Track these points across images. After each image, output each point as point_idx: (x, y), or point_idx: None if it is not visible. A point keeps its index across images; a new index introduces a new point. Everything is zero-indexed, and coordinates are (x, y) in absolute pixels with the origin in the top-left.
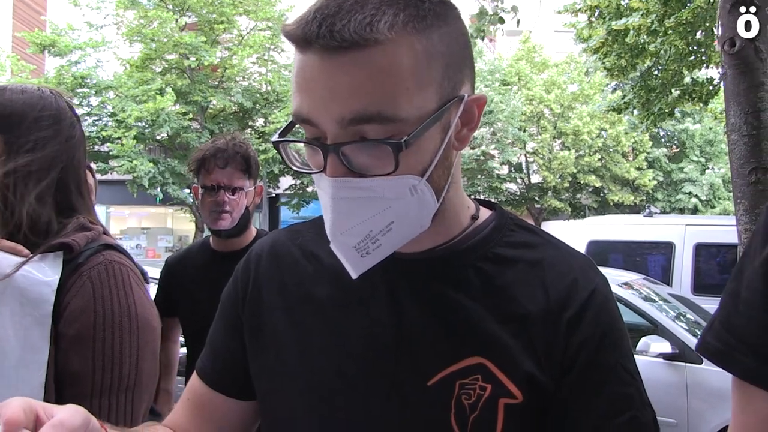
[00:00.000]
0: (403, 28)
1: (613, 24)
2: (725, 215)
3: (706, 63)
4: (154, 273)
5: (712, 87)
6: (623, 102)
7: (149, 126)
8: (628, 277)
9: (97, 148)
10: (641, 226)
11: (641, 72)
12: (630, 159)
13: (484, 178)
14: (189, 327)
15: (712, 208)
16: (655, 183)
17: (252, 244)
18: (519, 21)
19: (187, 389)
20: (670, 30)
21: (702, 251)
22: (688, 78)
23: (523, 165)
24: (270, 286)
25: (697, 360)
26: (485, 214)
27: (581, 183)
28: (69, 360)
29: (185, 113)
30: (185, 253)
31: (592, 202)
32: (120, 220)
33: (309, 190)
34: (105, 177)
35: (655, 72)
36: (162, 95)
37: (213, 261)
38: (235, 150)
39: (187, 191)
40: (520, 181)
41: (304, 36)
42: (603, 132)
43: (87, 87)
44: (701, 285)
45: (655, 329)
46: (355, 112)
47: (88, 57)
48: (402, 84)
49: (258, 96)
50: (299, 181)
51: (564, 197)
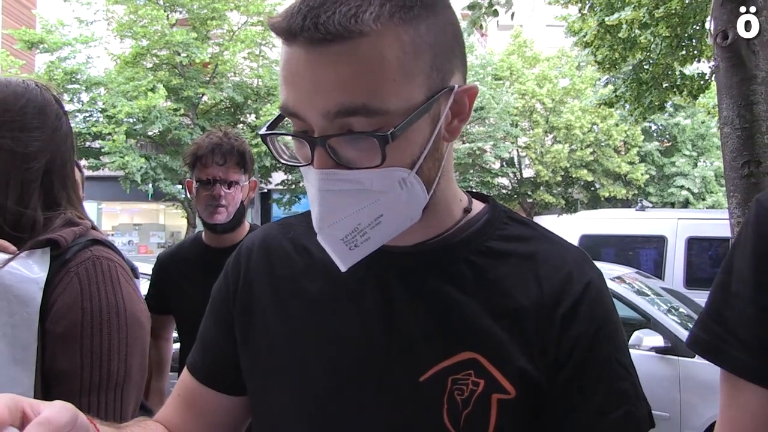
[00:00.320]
0: (390, 19)
1: (606, 19)
2: (716, 208)
3: (698, 57)
4: (146, 269)
5: (702, 81)
6: (614, 96)
7: (141, 122)
8: (620, 271)
9: (89, 144)
10: (633, 220)
11: (633, 66)
12: (622, 153)
13: (476, 172)
14: (182, 323)
15: (703, 200)
16: (647, 177)
17: None
18: (513, 14)
19: (178, 385)
20: (660, 20)
21: (694, 245)
22: (678, 72)
23: (515, 159)
24: (261, 280)
25: (690, 353)
26: (478, 207)
27: (573, 177)
28: (57, 357)
29: (176, 109)
30: (177, 249)
31: (583, 197)
32: (112, 216)
33: (301, 185)
34: (97, 173)
35: (646, 66)
36: (153, 91)
37: (206, 256)
38: (231, 144)
39: (179, 187)
40: (512, 176)
41: (289, 28)
42: (595, 126)
43: (77, 83)
44: (693, 279)
45: (648, 323)
46: (341, 104)
47: (78, 53)
48: (388, 76)
49: (249, 91)
50: (291, 177)
51: (556, 192)
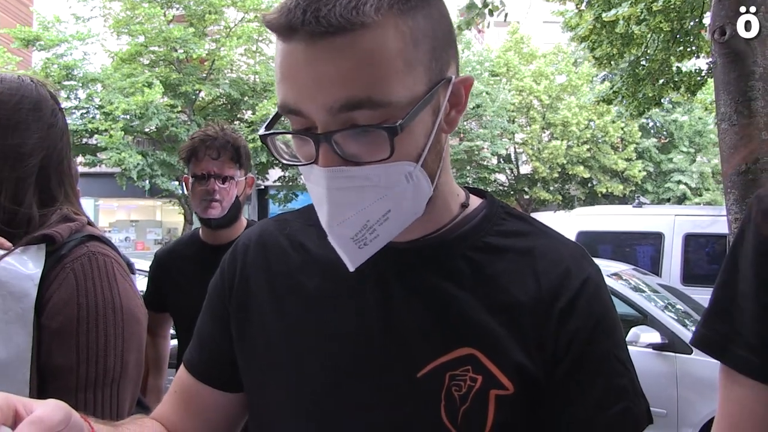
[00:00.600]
0: (389, 10)
1: (604, 16)
2: (713, 205)
3: (695, 53)
4: (143, 265)
5: (699, 77)
6: (612, 92)
7: (137, 119)
8: (617, 268)
9: (85, 140)
10: (630, 216)
11: (629, 61)
12: (619, 150)
13: (473, 169)
14: (179, 319)
15: (700, 196)
16: (645, 174)
17: None
18: (507, 15)
19: (175, 381)
20: (657, 14)
21: (691, 241)
22: (675, 67)
23: (512, 156)
24: (257, 276)
25: (687, 350)
26: (475, 202)
27: (570, 174)
28: (52, 354)
29: (173, 106)
30: (174, 246)
31: (580, 193)
32: (109, 212)
33: (299, 182)
34: (93, 170)
35: (643, 62)
36: (150, 87)
37: (203, 253)
38: (226, 139)
39: (176, 183)
40: (509, 172)
41: (288, 24)
42: (591, 122)
43: (74, 79)
44: (690, 275)
45: (645, 319)
46: (345, 98)
47: (74, 49)
48: (391, 67)
49: (246, 87)
50: (288, 174)
51: (553, 188)
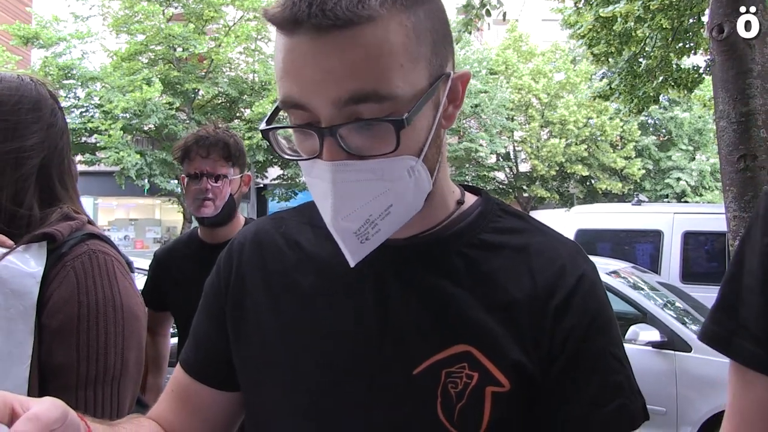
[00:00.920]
0: (393, 5)
1: (601, 11)
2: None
3: (694, 50)
4: (142, 264)
5: (697, 75)
6: (609, 89)
7: (136, 117)
8: (616, 266)
9: (84, 139)
10: (629, 214)
11: (628, 58)
12: (619, 148)
13: (472, 167)
14: (179, 318)
15: (699, 196)
16: (644, 172)
17: None
18: (505, 14)
19: (171, 381)
20: (656, 12)
21: (690, 239)
22: (674, 64)
23: (511, 154)
24: (253, 275)
25: (686, 348)
26: (471, 199)
27: (568, 172)
28: (53, 352)
29: (172, 103)
30: (173, 246)
31: (579, 191)
32: (108, 211)
33: (299, 180)
34: (92, 168)
35: (641, 59)
36: (149, 85)
37: (201, 252)
38: (218, 138)
39: (175, 182)
40: (508, 170)
41: (293, 17)
42: (590, 120)
43: (73, 78)
44: (690, 273)
45: (644, 317)
46: (352, 91)
47: (73, 48)
48: (396, 61)
49: (245, 86)
50: (287, 172)
51: (552, 186)
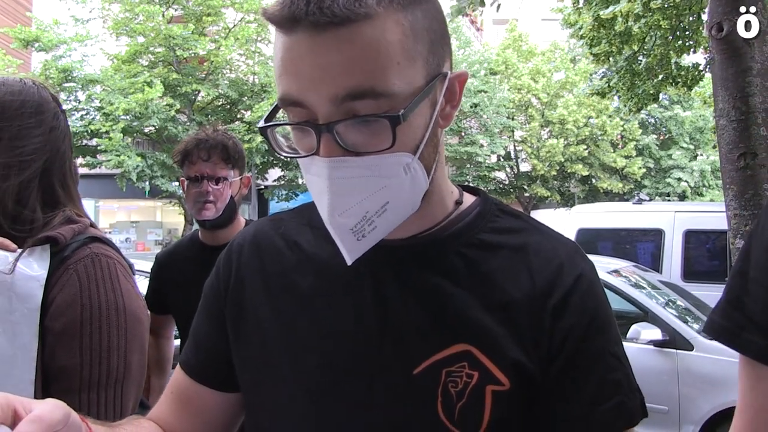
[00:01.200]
0: (390, 3)
1: (601, 13)
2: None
3: (693, 48)
4: (143, 266)
5: (697, 72)
6: (607, 86)
7: (137, 119)
8: (617, 265)
9: (85, 142)
10: (631, 213)
11: (627, 56)
12: (619, 147)
13: (473, 167)
14: (181, 320)
15: (700, 195)
16: (644, 170)
17: None
18: (499, 6)
19: (171, 382)
20: (655, 11)
21: (691, 238)
22: (674, 62)
23: (512, 153)
24: (253, 276)
25: (688, 346)
26: (469, 199)
27: (568, 172)
28: (56, 354)
29: (172, 105)
30: (175, 248)
31: (580, 191)
32: (109, 213)
33: (300, 181)
34: (93, 171)
35: (640, 57)
36: (150, 86)
37: (203, 254)
38: (217, 140)
39: (176, 184)
40: (508, 170)
41: (291, 15)
42: (591, 119)
43: (73, 81)
44: (691, 271)
45: (646, 316)
46: (349, 88)
47: (73, 51)
48: (393, 58)
49: (245, 88)
50: (288, 173)
51: (552, 185)
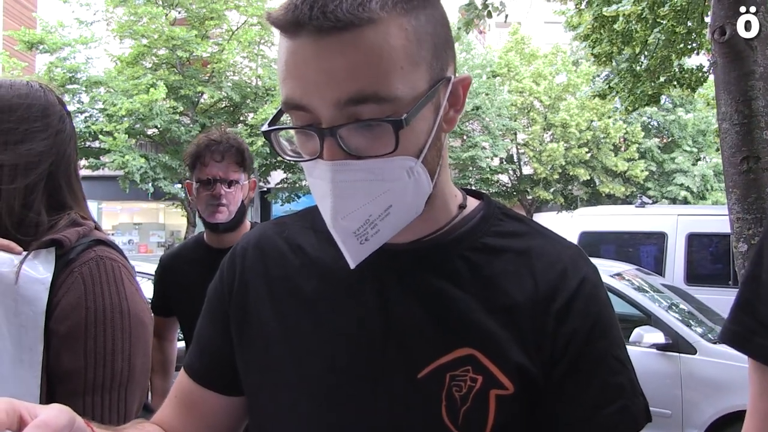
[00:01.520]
0: (393, 8)
1: (604, 11)
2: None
3: (696, 50)
4: (146, 268)
5: (701, 74)
6: (608, 87)
7: (140, 120)
8: (620, 268)
9: (89, 144)
10: (633, 216)
11: (627, 58)
12: (622, 150)
13: (475, 170)
14: (186, 323)
15: (702, 199)
16: (647, 173)
17: None
18: (507, 16)
19: (175, 386)
20: (663, 18)
21: (694, 241)
22: (676, 64)
23: (515, 156)
24: (256, 279)
25: (691, 350)
26: (473, 203)
27: (571, 175)
28: (61, 357)
29: (175, 107)
30: (179, 251)
31: (583, 193)
32: (112, 215)
33: (304, 183)
34: (97, 173)
35: (642, 59)
36: (154, 88)
37: (208, 257)
38: (230, 143)
39: (179, 186)
40: (511, 173)
41: (295, 20)
42: (594, 122)
43: (77, 83)
44: (694, 275)
45: (648, 320)
46: (353, 93)
47: (78, 53)
48: (396, 63)
49: (248, 90)
50: (291, 176)
51: (555, 189)
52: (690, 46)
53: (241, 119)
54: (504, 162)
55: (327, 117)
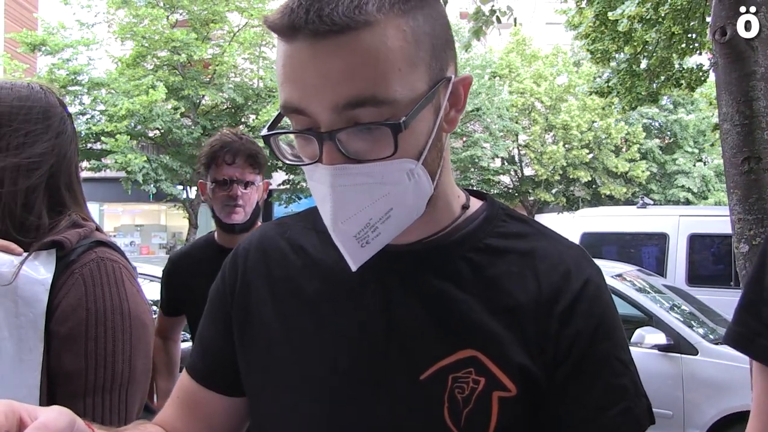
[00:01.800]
0: (390, 9)
1: (610, 15)
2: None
3: (698, 50)
4: (149, 270)
5: (701, 73)
6: (607, 86)
7: (141, 122)
8: (621, 269)
9: (90, 145)
10: (635, 217)
11: (627, 57)
12: (623, 151)
13: (477, 171)
14: (194, 323)
15: (704, 199)
16: (649, 174)
17: None
18: (516, 20)
19: (177, 387)
20: (663, 17)
21: (696, 242)
22: (677, 64)
23: (516, 157)
24: (258, 280)
25: (693, 351)
26: (476, 204)
27: (571, 177)
28: (61, 359)
29: (177, 108)
30: (189, 250)
31: (585, 194)
32: (114, 217)
33: (305, 185)
34: (98, 174)
35: (641, 58)
36: (154, 89)
37: (220, 256)
38: (246, 145)
39: (180, 188)
40: (513, 174)
41: (291, 24)
42: (595, 123)
43: (79, 84)
44: (696, 276)
45: (650, 321)
46: (350, 96)
47: (79, 55)
48: (394, 65)
49: (250, 92)
50: (294, 177)
51: (557, 190)
52: (692, 46)
53: (243, 121)
54: (506, 163)
55: (325, 121)
